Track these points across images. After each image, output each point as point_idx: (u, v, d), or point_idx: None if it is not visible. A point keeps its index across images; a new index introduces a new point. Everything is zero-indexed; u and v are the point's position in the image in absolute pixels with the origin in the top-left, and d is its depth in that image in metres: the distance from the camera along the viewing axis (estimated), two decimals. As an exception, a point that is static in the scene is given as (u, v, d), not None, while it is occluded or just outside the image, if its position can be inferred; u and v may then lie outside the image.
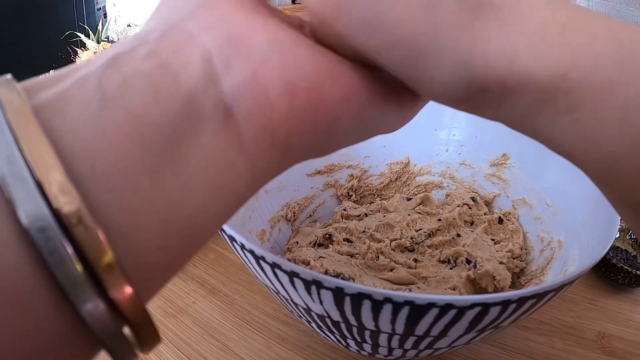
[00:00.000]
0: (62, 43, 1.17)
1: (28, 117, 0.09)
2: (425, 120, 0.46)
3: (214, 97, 0.11)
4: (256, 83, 0.12)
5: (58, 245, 0.08)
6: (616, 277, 0.39)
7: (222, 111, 0.11)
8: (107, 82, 0.10)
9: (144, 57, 0.11)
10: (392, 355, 0.26)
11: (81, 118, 0.09)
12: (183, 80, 0.11)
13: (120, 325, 0.09)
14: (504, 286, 0.33)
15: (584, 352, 0.33)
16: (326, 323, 0.25)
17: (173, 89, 0.11)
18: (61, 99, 0.10)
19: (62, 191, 0.08)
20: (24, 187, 0.08)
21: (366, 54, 0.14)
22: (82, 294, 0.09)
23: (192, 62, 0.11)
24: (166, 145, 0.10)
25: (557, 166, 0.37)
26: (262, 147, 0.12)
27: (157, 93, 0.10)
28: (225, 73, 0.12)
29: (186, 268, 0.44)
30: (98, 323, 0.09)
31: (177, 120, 0.10)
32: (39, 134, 0.09)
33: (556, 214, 0.35)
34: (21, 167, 0.08)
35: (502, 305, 0.20)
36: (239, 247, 0.24)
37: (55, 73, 0.11)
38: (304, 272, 0.20)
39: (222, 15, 0.12)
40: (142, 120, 0.10)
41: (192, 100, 0.11)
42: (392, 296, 0.19)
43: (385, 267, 0.34)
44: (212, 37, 0.12)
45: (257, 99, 0.12)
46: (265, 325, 0.37)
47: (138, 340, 0.10)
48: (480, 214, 0.42)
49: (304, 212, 0.43)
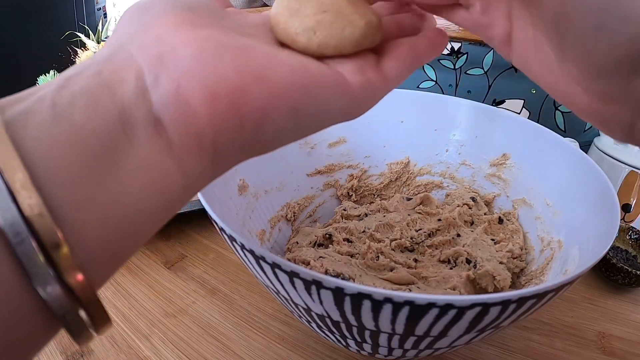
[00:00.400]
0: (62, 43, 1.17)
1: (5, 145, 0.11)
2: (425, 120, 0.46)
3: (144, 109, 0.13)
4: (178, 94, 0.13)
5: (24, 237, 0.10)
6: (616, 277, 0.39)
7: (152, 121, 0.13)
8: (59, 100, 0.12)
9: (89, 77, 0.13)
10: (392, 355, 0.26)
11: (39, 131, 0.11)
12: (118, 96, 0.13)
13: (76, 306, 0.11)
14: (504, 286, 0.33)
15: (584, 352, 0.33)
16: (326, 323, 0.25)
17: (109, 104, 0.13)
18: (24, 114, 0.12)
19: (24, 187, 0.10)
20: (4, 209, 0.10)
21: None
22: (43, 279, 0.10)
23: (127, 80, 0.13)
24: (105, 152, 0.12)
25: (557, 166, 0.37)
26: (191, 151, 0.14)
27: (96, 108, 0.12)
28: (153, 87, 0.13)
29: (186, 268, 0.44)
30: (56, 303, 0.11)
31: (114, 130, 0.12)
32: (7, 144, 0.11)
33: (556, 214, 0.35)
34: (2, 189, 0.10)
35: (502, 305, 0.20)
36: (239, 247, 0.24)
37: (22, 93, 0.13)
38: (304, 272, 0.20)
39: (158, 34, 0.14)
40: (84, 131, 0.12)
41: (125, 113, 0.13)
42: (392, 296, 0.19)
43: (385, 267, 0.34)
44: (145, 56, 0.14)
45: (180, 107, 0.13)
46: (265, 325, 0.37)
47: (91, 320, 0.12)
48: (480, 214, 0.42)
49: (304, 212, 0.43)
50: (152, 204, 0.13)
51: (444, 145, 0.46)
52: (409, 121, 0.45)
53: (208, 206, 0.26)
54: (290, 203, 0.42)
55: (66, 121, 0.12)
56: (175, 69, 0.13)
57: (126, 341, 0.35)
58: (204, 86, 0.13)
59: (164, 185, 0.13)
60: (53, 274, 0.11)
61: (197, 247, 0.47)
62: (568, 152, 0.35)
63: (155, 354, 0.34)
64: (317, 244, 0.39)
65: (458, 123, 0.45)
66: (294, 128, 0.16)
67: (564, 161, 0.36)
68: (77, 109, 0.12)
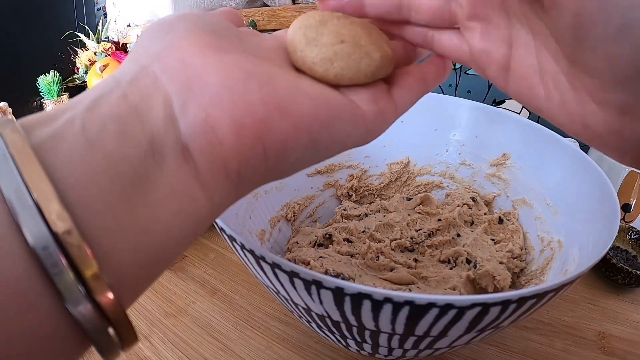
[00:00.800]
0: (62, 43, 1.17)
1: (29, 156, 0.11)
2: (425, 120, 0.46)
3: (173, 137, 0.13)
4: (207, 124, 0.13)
5: (57, 259, 0.10)
6: (616, 277, 0.39)
7: (180, 149, 0.13)
8: (89, 124, 0.12)
9: (117, 101, 0.13)
10: (392, 355, 0.26)
11: (70, 156, 0.12)
12: (147, 123, 0.13)
13: (105, 324, 0.11)
14: (504, 286, 0.33)
15: (584, 352, 0.33)
16: (326, 323, 0.25)
17: (139, 130, 0.13)
18: (54, 138, 0.12)
19: (59, 218, 0.10)
20: (30, 214, 0.10)
21: None
22: (75, 298, 0.11)
23: (155, 105, 0.13)
24: (136, 178, 0.12)
25: (557, 166, 0.37)
26: (217, 178, 0.14)
27: (127, 134, 0.13)
28: (181, 115, 0.13)
29: (186, 268, 0.44)
30: (87, 321, 0.11)
31: (144, 157, 0.13)
32: (39, 171, 0.11)
33: (556, 214, 0.35)
34: (27, 198, 0.10)
35: (502, 305, 0.20)
36: (239, 247, 0.24)
37: (47, 112, 0.13)
38: (304, 272, 0.20)
39: (182, 57, 0.14)
40: (116, 158, 0.12)
41: (155, 141, 0.13)
42: (392, 296, 0.19)
43: (385, 267, 0.34)
44: (172, 80, 0.14)
45: (208, 137, 0.13)
46: (265, 325, 0.37)
47: (119, 338, 0.12)
48: (480, 214, 0.42)
49: (304, 212, 0.43)
50: (180, 229, 0.13)
51: (444, 145, 0.46)
52: (409, 121, 0.44)
53: (208, 206, 0.26)
54: (290, 203, 0.42)
55: (97, 147, 0.12)
56: (203, 97, 0.14)
57: (126, 341, 0.35)
58: (231, 117, 0.14)
59: (191, 211, 0.13)
60: (85, 294, 0.11)
61: (197, 247, 0.47)
62: (568, 152, 0.35)
63: (155, 354, 0.34)
64: (317, 244, 0.39)
65: (458, 123, 0.45)
66: (311, 156, 0.16)
67: (564, 161, 0.36)
68: (108, 135, 0.12)
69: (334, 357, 0.33)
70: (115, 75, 0.14)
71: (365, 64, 0.17)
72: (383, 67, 0.18)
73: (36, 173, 0.11)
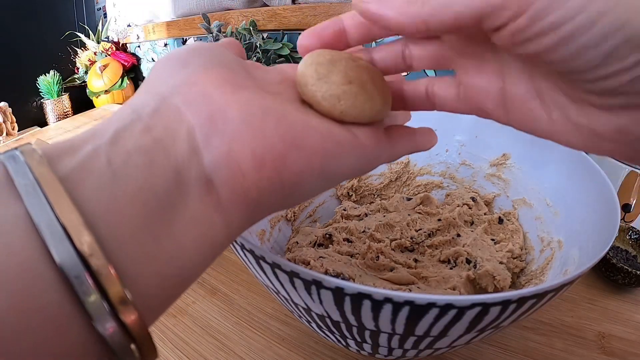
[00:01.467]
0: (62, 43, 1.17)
1: (59, 190, 0.12)
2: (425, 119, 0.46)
3: (197, 169, 0.14)
4: (230, 157, 0.14)
5: (89, 288, 0.11)
6: (616, 277, 0.39)
7: (204, 180, 0.14)
8: (115, 157, 0.13)
9: (140, 134, 0.14)
10: (392, 355, 0.26)
11: (98, 189, 0.12)
12: (172, 155, 0.14)
13: (129, 341, 0.12)
14: (504, 286, 0.33)
15: (584, 352, 0.33)
16: (326, 323, 0.25)
17: (165, 162, 0.14)
18: (80, 170, 0.12)
19: (90, 249, 0.11)
20: (61, 243, 0.11)
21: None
22: (103, 318, 0.12)
23: (180, 138, 0.14)
24: (160, 209, 0.13)
25: (557, 166, 0.37)
26: (237, 207, 0.15)
27: (152, 167, 0.13)
28: (205, 148, 0.14)
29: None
30: (113, 339, 0.12)
31: (169, 188, 0.13)
32: (69, 205, 0.12)
33: (556, 214, 0.35)
34: (59, 231, 0.11)
35: (502, 305, 0.20)
36: (239, 247, 0.24)
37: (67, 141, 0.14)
38: (304, 272, 0.20)
39: (202, 91, 0.15)
40: (142, 189, 0.13)
41: (179, 172, 0.14)
42: (392, 296, 0.19)
43: (385, 267, 0.34)
44: (195, 114, 0.15)
45: (231, 170, 0.14)
46: (265, 325, 0.37)
47: (140, 354, 0.13)
48: (480, 214, 0.42)
49: (304, 212, 0.43)
50: (201, 254, 0.14)
51: (444, 145, 0.46)
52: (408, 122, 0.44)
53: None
54: (290, 203, 0.42)
55: (124, 180, 0.13)
56: (225, 131, 0.14)
57: (126, 341, 0.35)
58: (253, 151, 0.14)
59: (211, 238, 0.14)
60: (110, 313, 0.12)
61: (197, 247, 0.47)
62: (568, 152, 0.35)
63: (155, 354, 0.34)
64: (317, 244, 0.39)
65: (458, 123, 0.45)
66: (322, 185, 0.18)
67: (564, 161, 0.36)
68: (134, 168, 0.13)
69: (334, 357, 0.33)
70: (133, 107, 0.15)
71: (368, 107, 0.18)
72: (383, 112, 0.19)
73: (66, 205, 0.11)
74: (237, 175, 0.14)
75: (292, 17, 0.78)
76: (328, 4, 0.73)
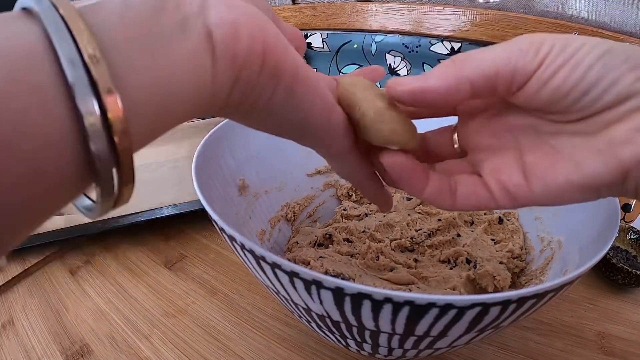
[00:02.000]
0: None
1: (75, 15, 0.13)
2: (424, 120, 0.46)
3: (203, 22, 0.16)
4: (233, 24, 0.16)
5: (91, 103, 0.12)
6: (616, 277, 0.39)
7: (206, 30, 0.16)
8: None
9: None
10: (392, 355, 0.26)
11: (109, 16, 0.14)
12: (182, 6, 0.16)
13: (112, 164, 0.13)
14: (504, 286, 0.33)
15: (584, 352, 0.33)
16: (326, 323, 0.25)
17: (174, 10, 0.15)
18: (97, 5, 0.14)
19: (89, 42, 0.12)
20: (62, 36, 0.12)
21: None
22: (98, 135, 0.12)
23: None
24: (163, 38, 0.15)
25: (557, 166, 0.36)
26: (224, 63, 0.16)
27: (163, 10, 0.15)
28: (214, 8, 0.16)
29: (186, 268, 0.44)
30: (101, 158, 0.13)
31: (174, 27, 0.15)
32: (81, 23, 0.13)
33: (556, 214, 0.35)
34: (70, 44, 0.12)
35: (502, 305, 0.20)
36: (239, 247, 0.24)
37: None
38: (304, 272, 0.20)
39: None
40: (149, 22, 0.14)
41: (186, 19, 0.15)
42: (392, 296, 0.19)
43: (385, 267, 0.34)
44: None
45: (231, 33, 0.16)
46: (265, 325, 0.37)
47: (119, 179, 0.14)
48: (480, 213, 0.42)
49: (304, 212, 0.43)
50: (187, 92, 0.15)
51: (444, 145, 0.45)
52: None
53: (208, 206, 0.26)
54: (290, 203, 0.42)
55: (134, 13, 0.14)
56: (234, 6, 0.17)
57: (126, 341, 0.35)
58: (251, 30, 0.17)
59: (199, 77, 0.16)
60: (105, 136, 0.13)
61: (197, 247, 0.47)
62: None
63: (155, 354, 0.34)
64: (317, 244, 0.39)
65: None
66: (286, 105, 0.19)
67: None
68: (145, 7, 0.14)
69: (334, 357, 0.33)
70: None
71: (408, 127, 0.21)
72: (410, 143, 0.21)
73: (79, 24, 0.13)
74: (233, 38, 0.16)
75: (292, 17, 0.78)
76: (328, 4, 0.73)
